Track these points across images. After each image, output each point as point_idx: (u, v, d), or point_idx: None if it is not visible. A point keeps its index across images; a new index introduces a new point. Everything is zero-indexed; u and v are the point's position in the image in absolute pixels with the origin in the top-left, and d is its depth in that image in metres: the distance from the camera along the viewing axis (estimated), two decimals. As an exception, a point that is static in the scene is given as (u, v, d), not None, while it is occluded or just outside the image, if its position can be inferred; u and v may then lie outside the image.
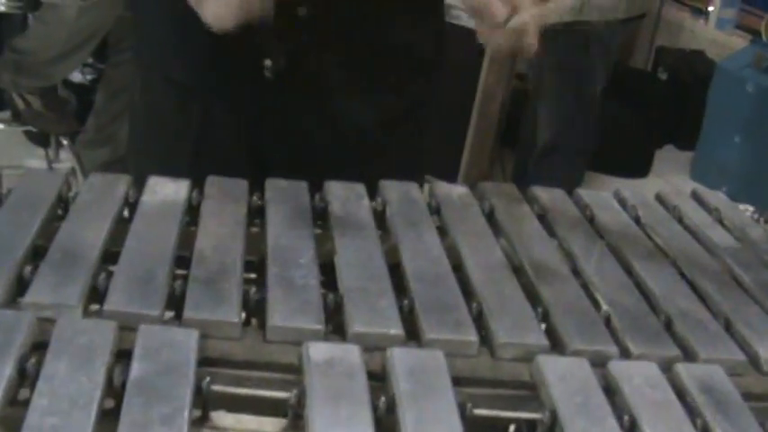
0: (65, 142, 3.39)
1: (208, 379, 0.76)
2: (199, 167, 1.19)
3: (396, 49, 1.41)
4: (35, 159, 3.47)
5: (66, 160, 3.43)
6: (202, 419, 0.77)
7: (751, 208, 1.39)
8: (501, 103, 3.56)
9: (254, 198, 1.10)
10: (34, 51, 3.15)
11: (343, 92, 1.39)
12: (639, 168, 4.27)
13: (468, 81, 3.47)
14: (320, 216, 1.09)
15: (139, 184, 1.09)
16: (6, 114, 3.53)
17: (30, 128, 3.47)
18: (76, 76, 3.69)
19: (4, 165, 2.90)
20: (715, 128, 4.20)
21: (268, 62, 1.33)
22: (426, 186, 1.22)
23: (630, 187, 1.32)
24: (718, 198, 1.36)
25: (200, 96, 1.41)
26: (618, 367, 0.87)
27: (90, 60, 3.55)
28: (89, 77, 3.74)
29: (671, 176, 4.30)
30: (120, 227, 1.01)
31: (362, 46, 1.38)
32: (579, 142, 3.51)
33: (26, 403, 0.72)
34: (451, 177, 3.38)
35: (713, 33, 4.55)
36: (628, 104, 4.20)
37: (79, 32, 3.10)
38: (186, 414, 0.71)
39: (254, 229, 1.05)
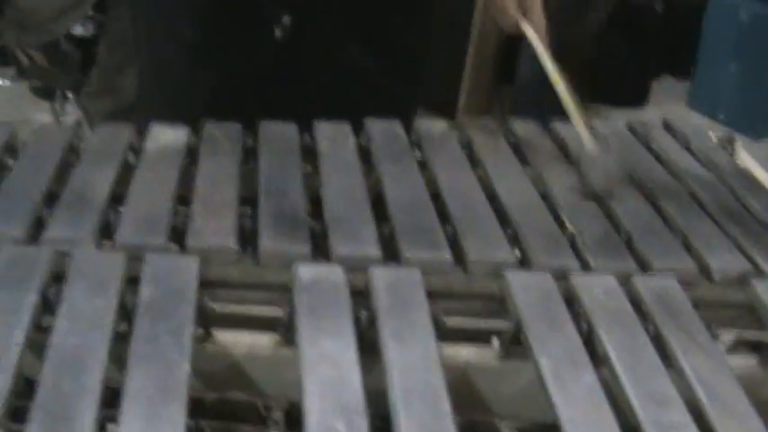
0: (70, 95, 3.46)
1: (208, 299, 0.86)
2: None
3: None
4: (42, 113, 3.55)
5: (72, 112, 3.51)
6: (205, 337, 0.87)
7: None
8: (497, 38, 3.60)
9: (248, 140, 1.19)
10: (36, 8, 3.21)
11: (345, 42, 1.48)
12: (637, 98, 4.32)
13: (464, 16, 3.51)
14: (309, 154, 1.18)
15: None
16: (12, 70, 3.60)
17: (35, 83, 3.54)
18: (78, 30, 3.74)
19: (11, 119, 2.97)
20: (710, 56, 4.25)
21: (287, 18, 1.41)
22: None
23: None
24: (689, 124, 1.44)
25: (211, 57, 1.48)
26: (578, 280, 0.96)
27: (91, 13, 3.60)
28: (91, 30, 3.79)
29: (668, 106, 4.35)
30: (127, 171, 1.11)
31: None
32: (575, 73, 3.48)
33: (49, 330, 0.82)
34: (450, 114, 3.44)
35: (709, -39, 4.57)
36: (625, 35, 4.24)
37: (80, -14, 3.16)
38: (190, 328, 0.81)
39: (249, 168, 1.15)
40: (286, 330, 0.87)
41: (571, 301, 0.93)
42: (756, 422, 0.79)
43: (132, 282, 0.88)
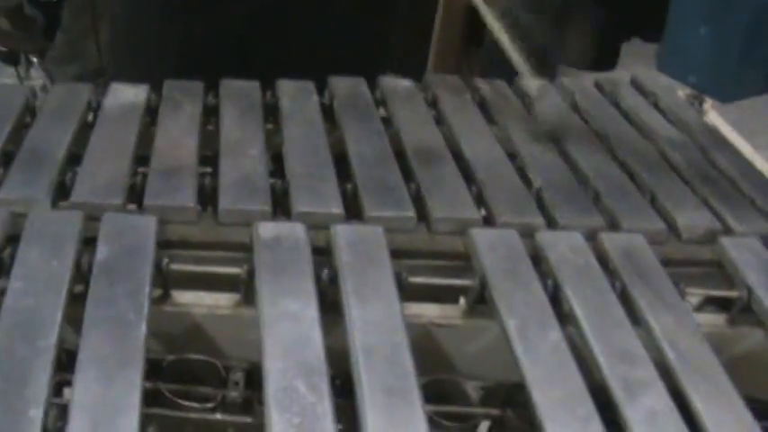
0: (35, 60, 3.41)
1: (166, 259, 0.84)
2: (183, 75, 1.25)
3: None
4: (6, 78, 3.49)
5: (37, 78, 3.45)
6: (164, 297, 0.85)
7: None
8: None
9: (209, 98, 1.17)
10: (-3, -29, 3.15)
11: None
12: (606, 62, 4.30)
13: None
14: (271, 112, 1.16)
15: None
16: (-26, 35, 3.53)
17: (-1, 48, 3.48)
18: (42, -6, 3.68)
19: (-25, 84, 2.92)
20: (680, 19, 4.23)
21: None
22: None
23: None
24: (658, 83, 1.42)
25: (184, 12, 1.46)
26: (544, 237, 0.95)
27: (55, -24, 3.54)
28: (55, -6, 3.73)
29: (637, 69, 4.32)
30: (85, 130, 1.08)
31: None
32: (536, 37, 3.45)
33: (3, 292, 0.80)
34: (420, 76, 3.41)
35: None
36: (593, -1, 4.22)
37: (41, -51, 3.10)
38: (147, 290, 0.79)
39: (210, 127, 1.12)
40: (246, 290, 0.85)
41: (537, 259, 0.92)
42: (724, 380, 0.78)
43: (89, 242, 0.86)
